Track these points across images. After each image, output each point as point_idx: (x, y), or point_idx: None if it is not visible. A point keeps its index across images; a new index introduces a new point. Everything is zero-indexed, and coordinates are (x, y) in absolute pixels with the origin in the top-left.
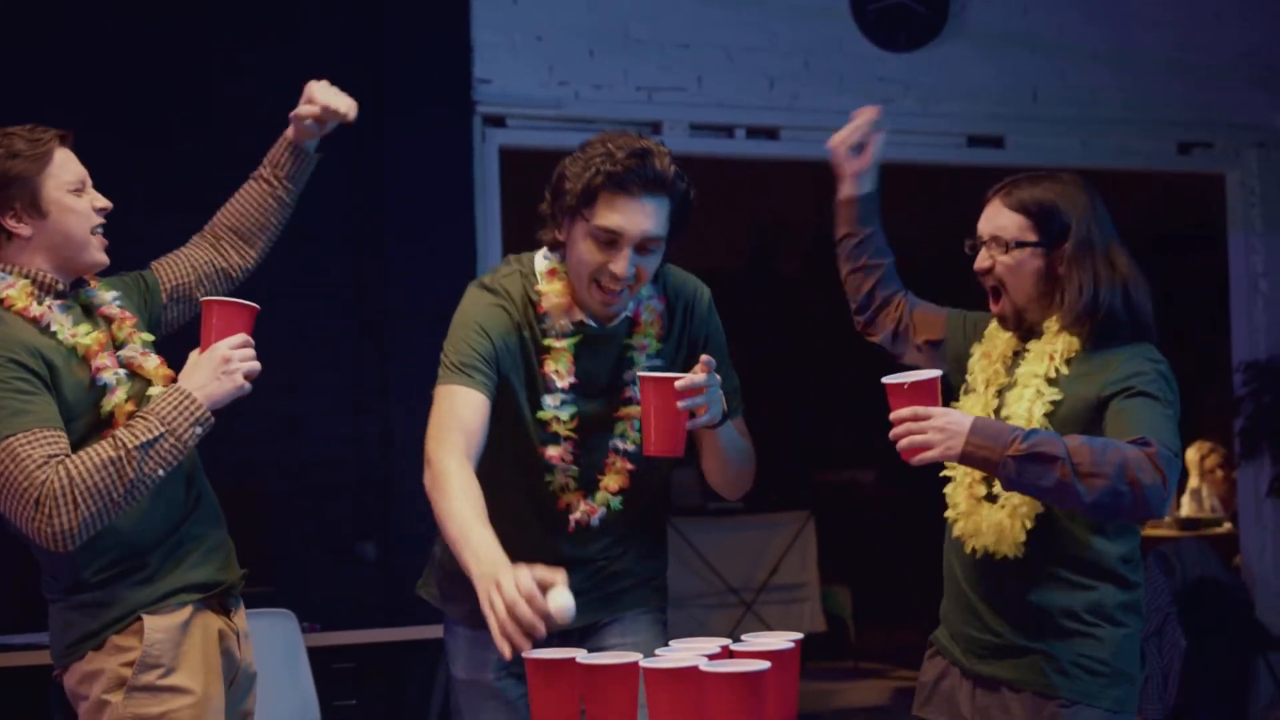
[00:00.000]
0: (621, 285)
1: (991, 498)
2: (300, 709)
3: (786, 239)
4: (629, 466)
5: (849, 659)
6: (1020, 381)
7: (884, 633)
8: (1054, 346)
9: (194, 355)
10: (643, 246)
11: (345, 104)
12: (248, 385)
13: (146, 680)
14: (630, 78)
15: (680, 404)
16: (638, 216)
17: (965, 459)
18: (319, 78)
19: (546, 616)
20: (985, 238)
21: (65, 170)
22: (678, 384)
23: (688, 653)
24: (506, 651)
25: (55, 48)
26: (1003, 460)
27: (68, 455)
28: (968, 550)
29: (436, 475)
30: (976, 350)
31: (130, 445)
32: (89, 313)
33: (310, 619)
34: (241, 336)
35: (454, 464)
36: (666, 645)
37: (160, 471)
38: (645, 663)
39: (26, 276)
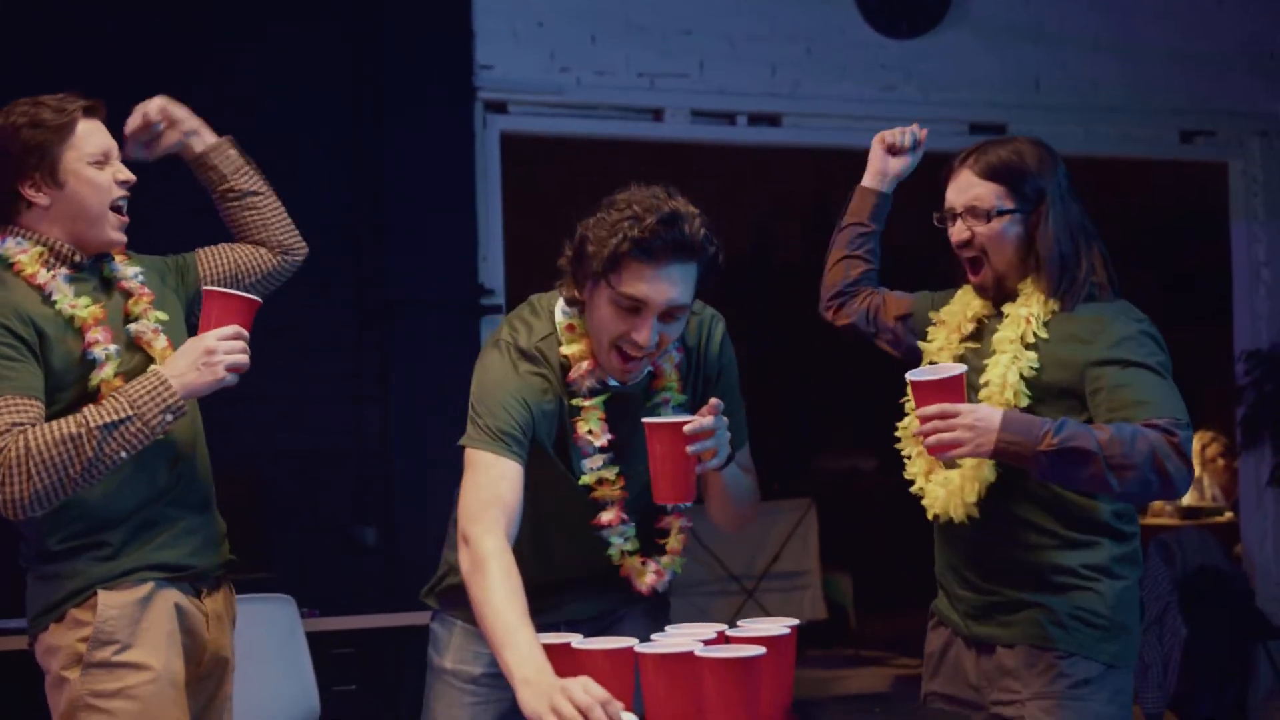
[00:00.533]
0: (643, 354)
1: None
2: (300, 694)
3: (788, 226)
4: (689, 525)
5: (850, 646)
6: (997, 347)
7: (885, 620)
8: (1030, 309)
9: (189, 341)
10: (668, 314)
11: (144, 108)
12: (231, 378)
13: (102, 656)
14: (632, 64)
15: (689, 449)
16: (664, 285)
17: (998, 454)
18: (320, 66)
19: None
20: (959, 209)
21: (88, 142)
22: (686, 429)
23: (683, 638)
24: None
25: (55, 47)
26: (1035, 455)
27: (33, 425)
28: (929, 517)
29: (476, 560)
30: (935, 319)
31: (93, 424)
32: (108, 285)
33: (310, 605)
34: (234, 328)
35: (495, 547)
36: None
37: (123, 454)
38: (640, 648)
39: (43, 244)
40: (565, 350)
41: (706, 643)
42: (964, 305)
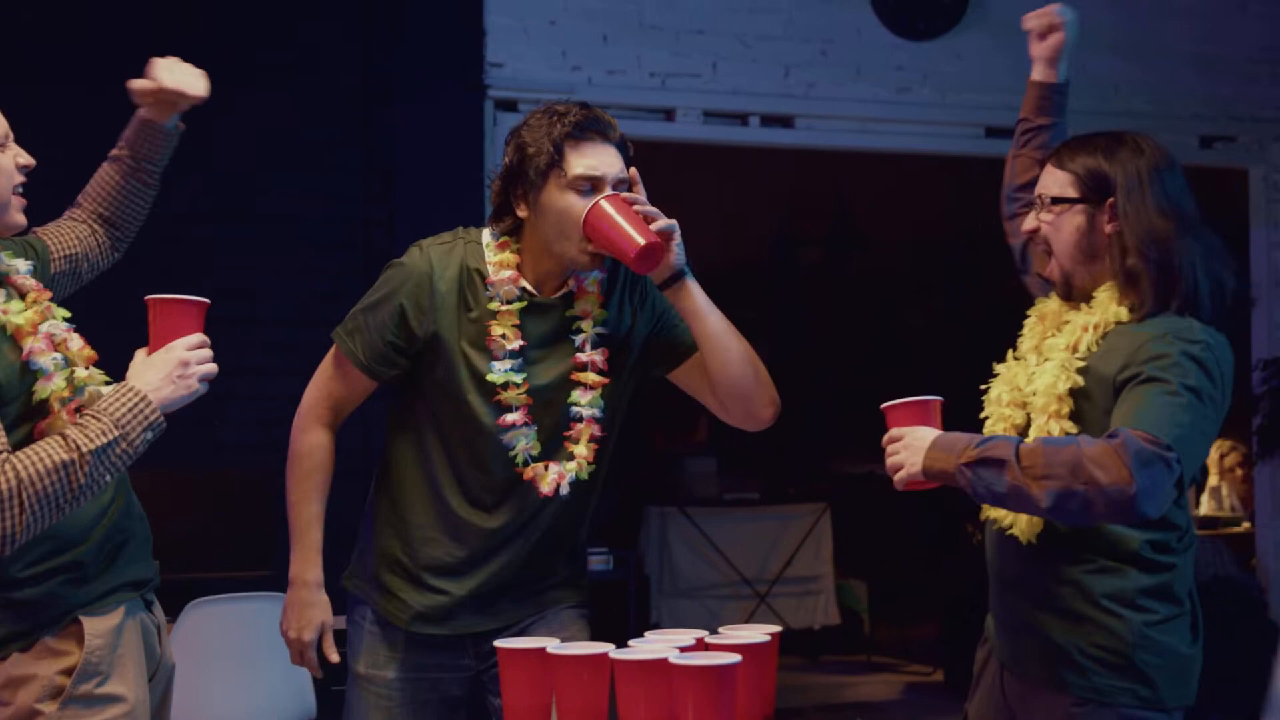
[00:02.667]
0: None
1: None
2: (296, 692)
3: (805, 228)
4: (597, 432)
5: (863, 653)
6: (1048, 354)
7: (899, 627)
8: (1093, 317)
9: (141, 354)
10: (617, 189)
11: (195, 85)
12: (203, 388)
13: (85, 690)
14: (644, 63)
15: (635, 207)
16: (608, 158)
17: (928, 474)
18: (331, 62)
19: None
20: (1034, 199)
21: None
22: (620, 198)
23: (660, 644)
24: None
25: (59, 31)
26: (958, 469)
27: (10, 452)
28: (995, 528)
29: (295, 453)
30: (1033, 313)
31: (84, 449)
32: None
33: None
34: (198, 337)
35: (315, 442)
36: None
37: (108, 478)
38: (616, 654)
39: None
40: (491, 260)
41: (684, 650)
42: (1058, 303)
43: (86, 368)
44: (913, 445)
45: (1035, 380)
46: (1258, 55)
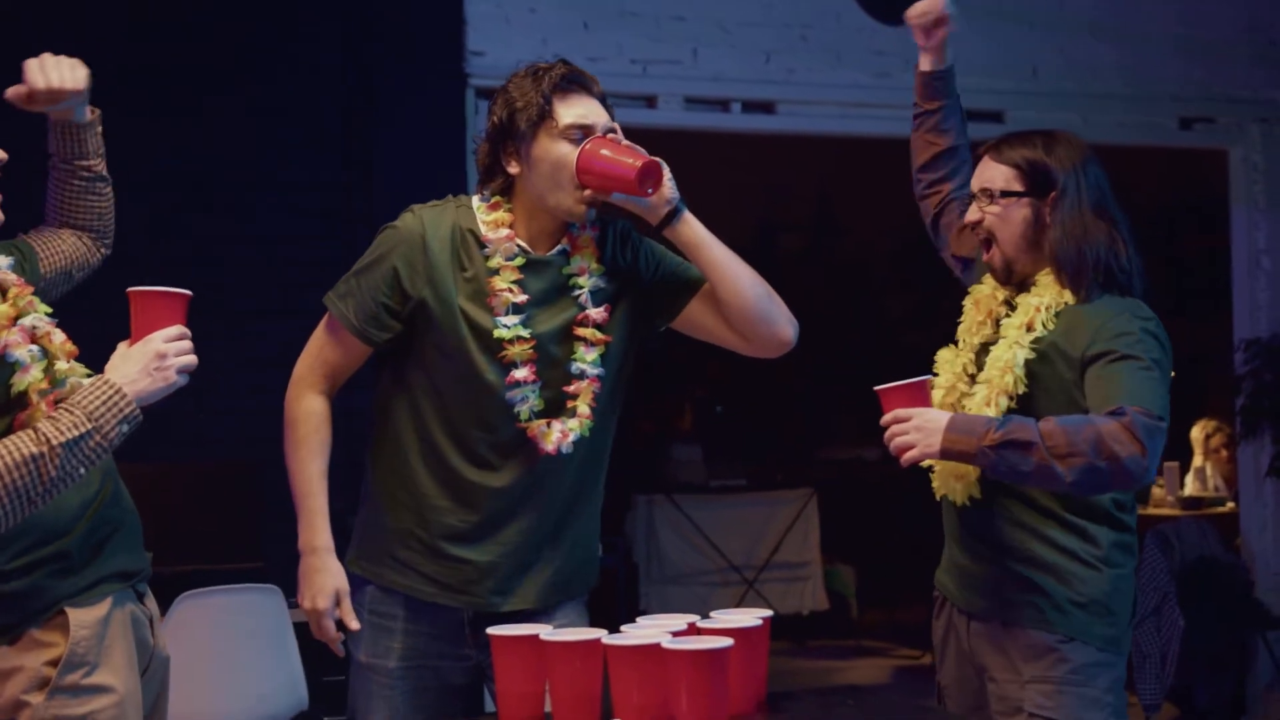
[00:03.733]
0: None
1: None
2: (288, 684)
3: (788, 214)
4: (595, 386)
5: (851, 637)
6: (1003, 334)
7: (886, 611)
8: (1042, 299)
9: (122, 347)
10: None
11: (70, 78)
12: (182, 380)
13: (71, 680)
14: (624, 50)
15: (623, 143)
16: (595, 108)
17: (945, 454)
18: (311, 51)
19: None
20: (975, 191)
21: None
22: (607, 138)
23: (652, 629)
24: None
25: (45, 40)
26: (979, 450)
27: None
28: (937, 498)
29: (291, 418)
30: (967, 300)
31: (54, 441)
32: None
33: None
34: (178, 328)
35: (311, 408)
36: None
37: (82, 470)
38: (608, 639)
39: None
40: (485, 219)
41: (676, 634)
42: (993, 288)
43: (68, 361)
44: (925, 427)
45: (990, 357)
46: (1237, 36)
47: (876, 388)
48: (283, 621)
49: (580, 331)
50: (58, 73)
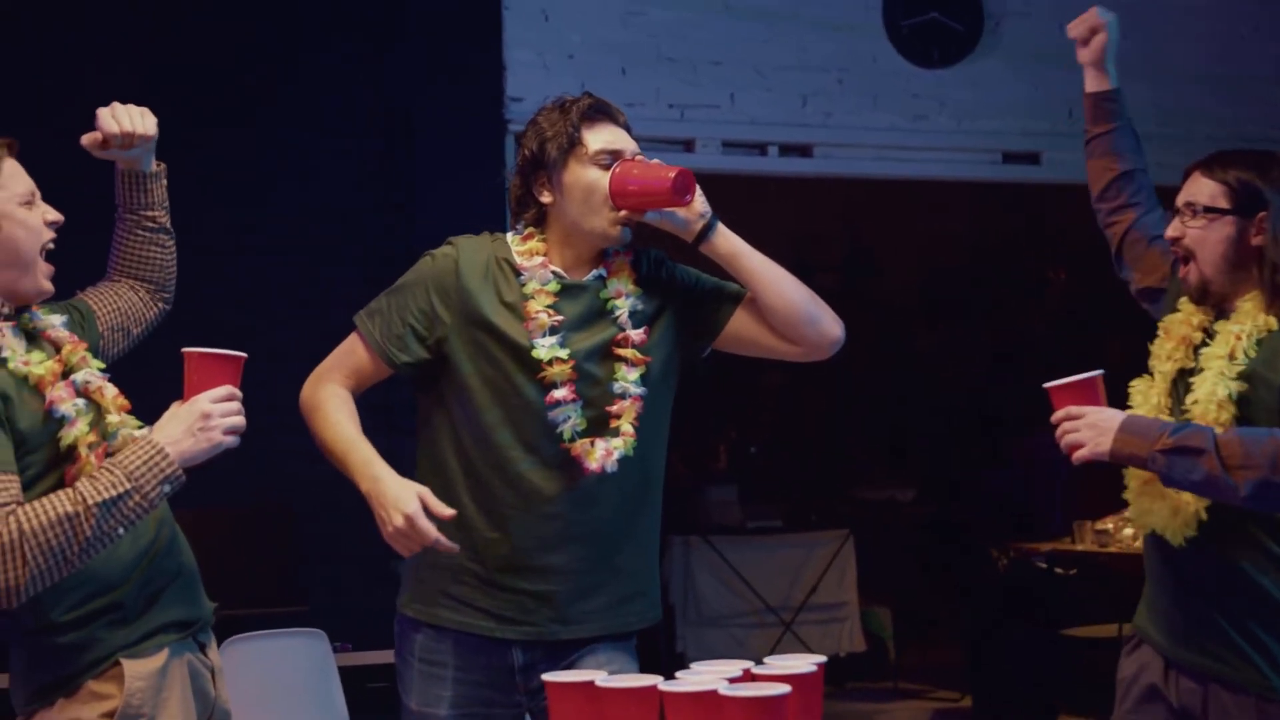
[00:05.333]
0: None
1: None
2: None
3: (821, 255)
4: (638, 405)
5: (889, 679)
6: (1204, 364)
7: (923, 653)
8: (1243, 326)
9: (175, 406)
10: None
11: (140, 124)
12: (229, 441)
13: None
14: (662, 95)
15: (634, 170)
16: (622, 135)
17: (1115, 456)
18: (351, 97)
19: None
20: (1179, 206)
21: (16, 181)
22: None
23: (708, 675)
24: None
25: (74, 59)
26: (1151, 455)
27: (19, 504)
28: (1140, 530)
29: (314, 404)
30: (1160, 328)
31: (90, 501)
32: (32, 338)
33: (343, 638)
34: (226, 389)
35: (329, 391)
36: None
37: (120, 530)
38: (665, 686)
39: None
40: (519, 249)
41: (732, 680)
42: (1188, 314)
43: (119, 414)
44: (1098, 425)
45: (1196, 389)
46: (1271, 75)
47: (1047, 385)
48: (328, 665)
49: (620, 351)
50: (129, 119)
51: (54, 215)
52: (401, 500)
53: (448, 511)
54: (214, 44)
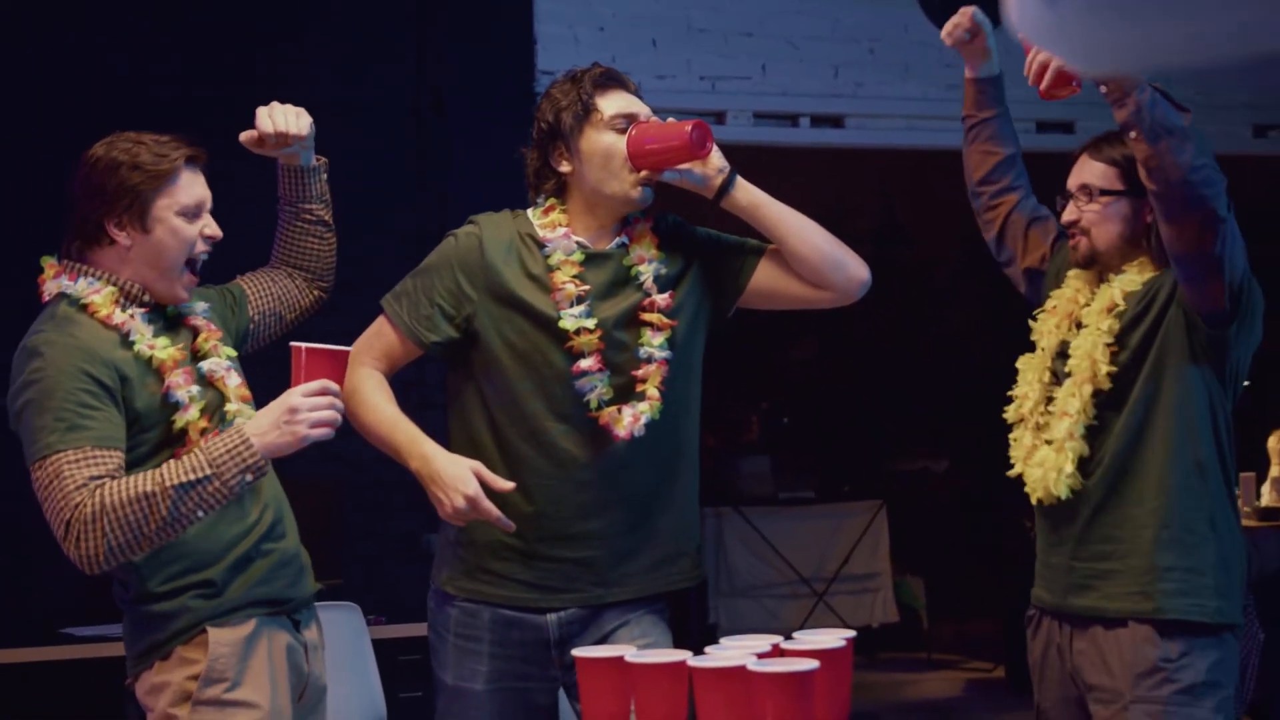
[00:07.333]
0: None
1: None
2: (366, 702)
3: (853, 227)
4: (664, 369)
5: (922, 650)
6: (1085, 321)
7: (956, 624)
8: (1123, 285)
9: (278, 399)
10: None
11: (294, 124)
12: (317, 434)
13: (211, 694)
14: (693, 67)
15: (650, 129)
16: (634, 100)
17: (1098, 78)
18: (383, 73)
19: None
20: (1073, 190)
21: (184, 192)
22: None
23: (737, 651)
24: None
25: (113, 41)
26: (1140, 85)
27: (112, 478)
28: (1033, 502)
29: (352, 388)
30: (1047, 304)
31: (169, 483)
32: (174, 324)
33: (377, 611)
34: (320, 383)
35: (364, 373)
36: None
37: (200, 513)
38: (694, 662)
39: (114, 284)
40: (541, 222)
41: (761, 655)
42: (1075, 290)
43: (238, 403)
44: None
45: (1074, 350)
46: None
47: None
48: (361, 638)
49: (646, 316)
50: (283, 118)
51: (213, 230)
52: (460, 480)
53: (506, 485)
54: (242, 23)
